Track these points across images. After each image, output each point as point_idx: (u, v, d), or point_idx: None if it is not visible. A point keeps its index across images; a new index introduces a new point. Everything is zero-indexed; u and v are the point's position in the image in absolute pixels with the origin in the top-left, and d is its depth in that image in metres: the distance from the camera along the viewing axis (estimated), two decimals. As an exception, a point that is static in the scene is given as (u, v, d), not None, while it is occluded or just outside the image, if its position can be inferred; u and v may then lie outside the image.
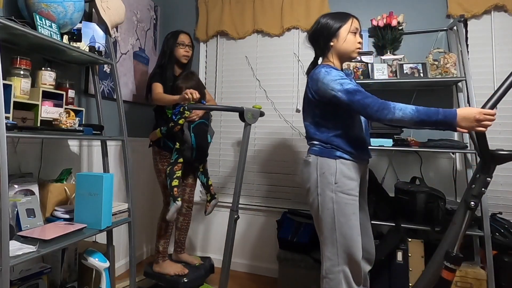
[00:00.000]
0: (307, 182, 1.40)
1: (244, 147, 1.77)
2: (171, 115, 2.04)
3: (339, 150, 1.35)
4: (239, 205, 2.52)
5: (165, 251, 2.10)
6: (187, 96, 1.81)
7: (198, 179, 2.23)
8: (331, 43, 1.42)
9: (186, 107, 1.94)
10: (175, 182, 1.99)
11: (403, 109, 1.17)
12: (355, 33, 1.40)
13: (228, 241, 1.74)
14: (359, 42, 1.42)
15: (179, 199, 1.98)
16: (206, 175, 2.20)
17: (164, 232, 2.09)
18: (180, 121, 1.99)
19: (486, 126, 1.14)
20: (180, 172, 2.02)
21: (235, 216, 1.75)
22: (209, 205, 2.14)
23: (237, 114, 1.71)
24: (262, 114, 1.80)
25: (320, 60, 1.54)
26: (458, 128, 1.14)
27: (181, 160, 2.02)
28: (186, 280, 1.97)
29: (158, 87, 2.07)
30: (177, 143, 2.03)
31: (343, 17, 1.41)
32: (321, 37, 1.44)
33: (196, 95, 1.84)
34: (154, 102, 2.09)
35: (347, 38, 1.39)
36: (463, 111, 1.13)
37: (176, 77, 2.15)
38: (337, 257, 1.32)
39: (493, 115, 1.13)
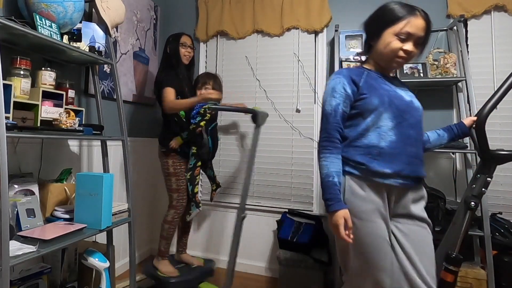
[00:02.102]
0: None
1: (254, 148, 1.88)
2: (184, 118, 2.08)
3: (349, 163, 1.16)
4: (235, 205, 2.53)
5: (166, 251, 2.11)
6: (208, 96, 1.90)
7: (205, 174, 2.29)
8: (372, 43, 1.23)
9: (207, 109, 1.98)
10: (196, 189, 2.09)
11: (326, 166, 1.14)
12: (405, 38, 1.14)
13: (235, 240, 1.81)
14: (405, 51, 1.14)
15: (200, 205, 2.10)
16: (212, 169, 2.30)
17: (166, 234, 2.11)
18: (202, 123, 2.01)
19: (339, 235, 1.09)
20: (199, 176, 2.11)
21: (242, 215, 1.82)
22: (215, 193, 2.26)
23: (238, 114, 1.75)
24: (266, 115, 1.97)
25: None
26: (330, 220, 1.12)
27: (199, 164, 2.09)
28: (173, 281, 1.99)
29: (170, 93, 2.00)
30: (193, 148, 2.07)
31: (402, 13, 1.14)
32: (366, 31, 1.27)
33: (215, 95, 1.92)
34: (169, 110, 2.03)
35: (390, 42, 1.15)
36: (335, 217, 1.09)
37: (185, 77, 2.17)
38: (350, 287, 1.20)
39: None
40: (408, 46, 1.14)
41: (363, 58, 1.37)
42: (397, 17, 1.14)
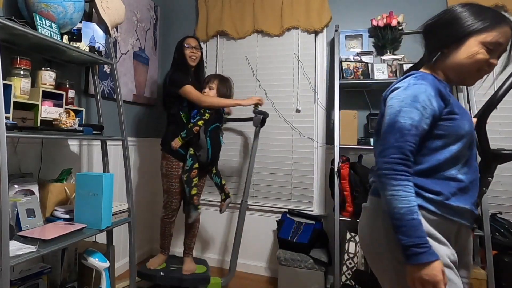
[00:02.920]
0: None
1: (255, 146, 2.24)
2: (186, 119, 2.09)
3: (421, 195, 0.91)
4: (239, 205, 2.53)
5: (162, 248, 2.16)
6: (259, 102, 2.08)
7: (212, 180, 2.23)
8: (445, 50, 0.98)
9: (207, 110, 2.03)
10: (194, 191, 2.03)
11: (407, 198, 0.85)
12: (493, 50, 0.92)
13: (239, 229, 2.16)
14: (490, 64, 0.94)
15: (199, 207, 2.06)
16: (219, 176, 2.22)
17: (161, 231, 2.15)
18: (199, 122, 2.01)
19: None
20: (197, 178, 2.05)
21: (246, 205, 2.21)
22: (224, 204, 2.17)
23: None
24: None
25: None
26: (419, 274, 0.83)
27: (196, 165, 2.03)
28: (146, 272, 2.03)
29: (194, 90, 2.02)
30: (191, 149, 2.04)
31: (492, 19, 0.91)
32: (436, 34, 0.99)
33: (263, 101, 2.12)
34: (206, 105, 2.01)
35: (476, 52, 0.92)
36: (432, 270, 0.82)
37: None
38: None
39: None
40: (494, 60, 0.94)
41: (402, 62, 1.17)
42: (489, 23, 0.91)
